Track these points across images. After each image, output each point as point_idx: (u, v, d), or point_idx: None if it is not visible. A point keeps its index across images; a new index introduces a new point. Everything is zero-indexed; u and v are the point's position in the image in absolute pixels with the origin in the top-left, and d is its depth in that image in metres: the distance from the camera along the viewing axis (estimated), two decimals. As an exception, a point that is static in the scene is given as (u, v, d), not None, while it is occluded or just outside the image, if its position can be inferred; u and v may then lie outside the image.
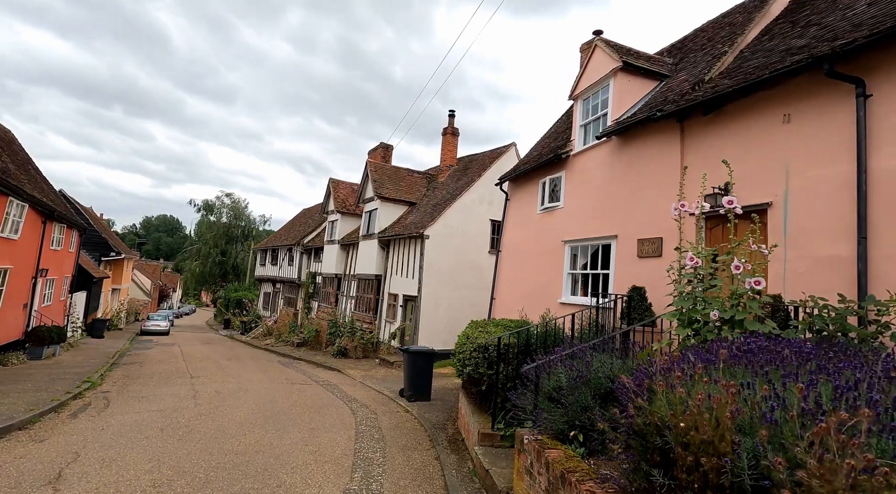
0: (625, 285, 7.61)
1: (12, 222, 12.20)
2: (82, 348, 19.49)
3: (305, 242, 28.73)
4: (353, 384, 12.53)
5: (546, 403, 4.22)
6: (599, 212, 8.61)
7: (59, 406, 8.26)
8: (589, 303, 8.26)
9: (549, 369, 4.40)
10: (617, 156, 8.28)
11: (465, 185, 17.47)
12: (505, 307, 11.47)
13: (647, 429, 2.56)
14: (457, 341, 7.56)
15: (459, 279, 16.70)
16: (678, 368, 2.53)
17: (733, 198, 3.94)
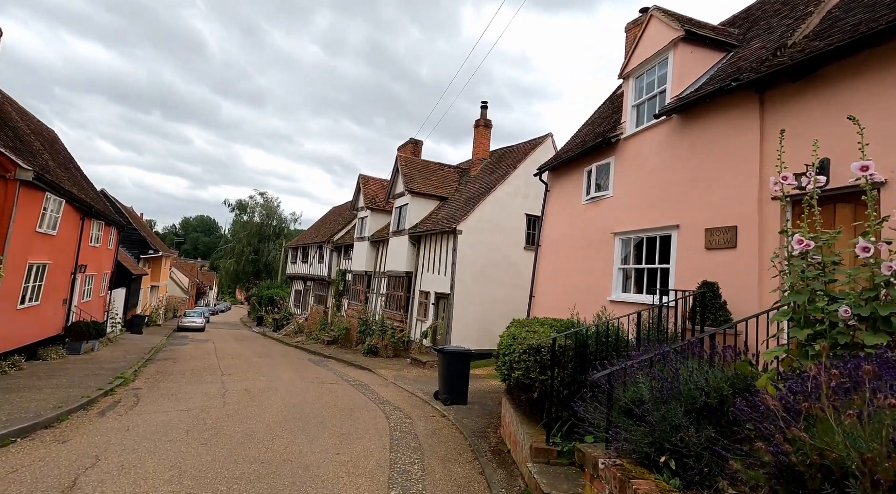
0: (688, 280, 6.75)
1: (50, 217, 12.29)
2: (121, 343, 19.86)
3: (335, 239, 28.62)
4: (385, 384, 12.03)
5: (622, 418, 3.50)
6: (656, 200, 7.75)
7: (89, 404, 8.06)
8: (646, 301, 7.42)
9: (625, 377, 3.67)
10: (678, 136, 7.39)
11: (499, 178, 16.73)
12: (545, 306, 10.70)
13: (808, 472, 1.83)
14: (499, 341, 6.87)
15: (493, 276, 15.99)
16: (868, 388, 1.77)
17: (868, 163, 3.09)
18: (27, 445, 5.67)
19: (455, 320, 15.26)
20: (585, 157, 9.89)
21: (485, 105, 19.44)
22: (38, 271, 12.19)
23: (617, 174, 8.92)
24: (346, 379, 12.57)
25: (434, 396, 9.98)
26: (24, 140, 12.81)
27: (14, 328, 11.12)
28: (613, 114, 10.69)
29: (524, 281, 16.47)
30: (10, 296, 10.75)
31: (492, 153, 20.11)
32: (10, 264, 10.39)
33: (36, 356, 12.61)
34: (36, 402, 7.56)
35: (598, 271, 9.09)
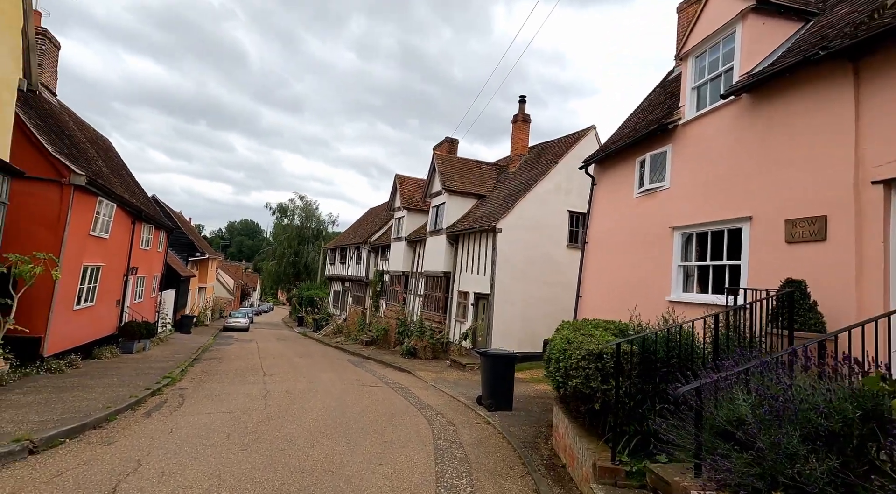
0: (764, 278, 6.00)
1: (102, 221, 12.75)
2: (170, 343, 20.59)
3: (372, 240, 28.70)
4: (425, 387, 11.70)
5: (715, 441, 2.94)
6: (722, 190, 7.00)
7: (137, 403, 8.14)
8: (713, 301, 6.70)
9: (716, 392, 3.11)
10: (749, 117, 6.63)
11: (540, 174, 16.09)
12: (593, 306, 10.05)
13: None
14: (550, 345, 6.35)
15: (535, 276, 15.37)
16: None
17: None
18: (74, 446, 5.67)
19: (495, 320, 14.77)
20: (637, 146, 9.19)
21: (523, 99, 18.83)
22: (93, 274, 12.66)
23: (675, 163, 8.19)
24: (385, 381, 12.34)
25: (477, 401, 9.54)
26: (79, 148, 13.37)
27: (71, 328, 11.56)
28: (667, 100, 9.92)
29: (568, 280, 15.77)
30: (67, 297, 11.17)
31: (531, 149, 19.47)
32: (65, 267, 10.79)
33: (92, 355, 13.11)
34: (87, 401, 7.69)
35: (653, 270, 8.39)
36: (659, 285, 8.21)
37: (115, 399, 8.05)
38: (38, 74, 13.88)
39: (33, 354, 10.11)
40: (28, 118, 10.33)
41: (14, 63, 8.99)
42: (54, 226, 10.47)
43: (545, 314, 15.42)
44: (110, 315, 14.79)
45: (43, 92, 14.03)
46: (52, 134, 11.48)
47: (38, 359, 10.11)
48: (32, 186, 10.34)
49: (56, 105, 14.66)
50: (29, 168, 10.25)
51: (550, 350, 6.22)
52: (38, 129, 10.47)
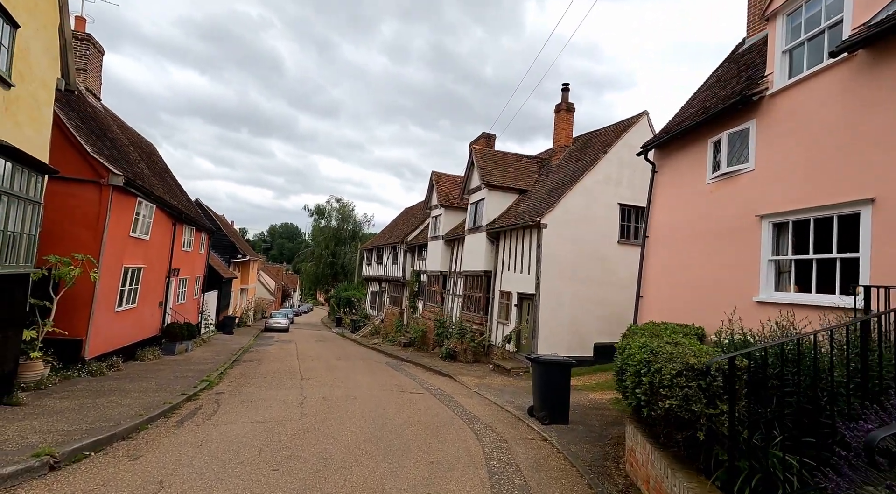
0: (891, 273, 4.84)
1: (142, 222, 12.72)
2: (213, 343, 20.77)
3: (409, 240, 28.22)
4: (469, 394, 10.91)
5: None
6: (830, 168, 5.83)
7: (171, 410, 7.78)
8: (820, 302, 5.56)
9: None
10: (867, 78, 5.44)
11: (587, 164, 14.97)
12: (657, 308, 8.94)
13: None
14: (624, 353, 5.41)
15: (584, 274, 14.28)
16: None
17: None
18: (98, 461, 5.24)
19: (542, 323, 13.79)
20: (710, 125, 8.04)
21: (566, 87, 17.71)
22: (134, 275, 12.65)
23: (761, 141, 7.02)
24: (426, 387, 11.64)
25: (528, 412, 8.65)
26: (121, 150, 13.44)
27: (113, 330, 11.52)
28: (741, 73, 8.71)
29: (620, 280, 14.59)
30: (108, 299, 11.11)
31: (575, 140, 18.31)
32: (105, 268, 10.71)
33: (134, 357, 13.12)
34: (120, 408, 7.37)
35: (733, 265, 7.25)
36: (740, 283, 7.06)
37: (149, 406, 7.72)
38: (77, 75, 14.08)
39: (75, 356, 10.06)
40: (68, 119, 10.30)
41: (51, 62, 8.88)
42: (94, 227, 10.40)
43: (595, 317, 14.31)
44: (153, 317, 14.86)
45: (88, 96, 14.25)
46: (93, 136, 11.49)
47: (79, 362, 10.04)
48: (73, 187, 10.30)
49: (100, 109, 14.88)
50: (68, 169, 10.21)
51: (624, 360, 5.28)
52: (77, 130, 10.43)
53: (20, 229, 7.13)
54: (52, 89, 9.03)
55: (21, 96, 7.83)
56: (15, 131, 7.67)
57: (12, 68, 7.40)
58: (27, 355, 8.12)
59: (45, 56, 8.63)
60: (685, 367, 3.77)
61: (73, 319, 10.04)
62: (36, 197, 7.54)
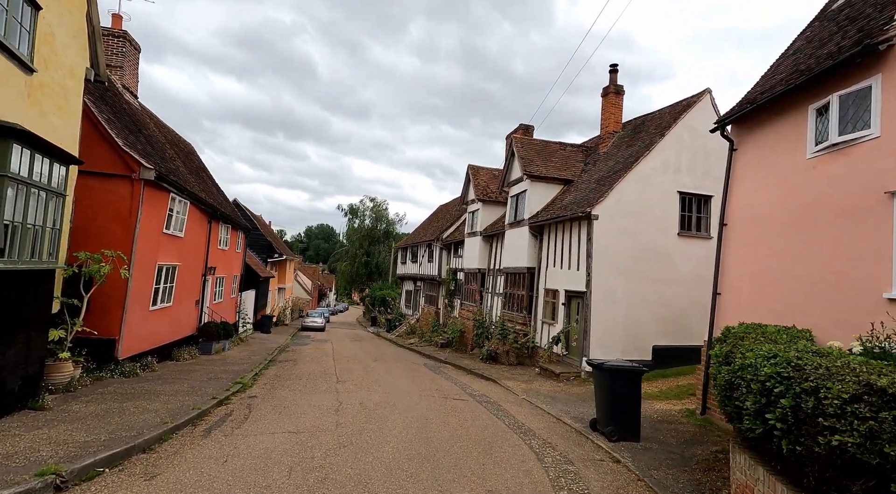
0: None
1: (176, 219, 12.44)
2: (250, 342, 20.65)
3: (444, 237, 27.40)
4: (517, 402, 9.91)
5: None
6: None
7: (199, 417, 7.21)
8: None
9: None
10: None
11: (642, 150, 13.63)
12: (744, 307, 7.65)
13: None
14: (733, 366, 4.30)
15: (640, 270, 12.97)
16: None
17: None
18: (110, 481, 4.63)
19: (593, 323, 12.59)
20: (811, 89, 6.74)
21: (615, 68, 16.36)
22: (169, 273, 12.37)
23: (888, 101, 5.69)
24: (469, 393, 10.72)
25: (590, 426, 7.58)
26: (156, 147, 13.24)
27: (147, 329, 11.23)
28: (842, 29, 7.31)
29: (681, 277, 13.20)
30: (142, 297, 10.81)
31: (625, 125, 16.92)
32: (139, 266, 10.39)
33: (171, 357, 12.88)
34: (147, 414, 6.85)
35: (851, 254, 5.94)
36: (863, 276, 5.76)
37: (177, 411, 7.17)
38: (113, 72, 14.02)
39: (108, 356, 9.75)
40: (99, 112, 10.02)
41: (79, 50, 8.54)
42: (126, 223, 10.09)
43: (653, 317, 12.97)
44: (189, 316, 14.65)
45: (124, 94, 14.16)
46: (126, 130, 11.23)
47: (112, 362, 9.72)
48: (105, 182, 10.02)
49: (137, 107, 14.80)
50: (100, 163, 9.92)
51: (735, 373, 4.16)
52: (109, 123, 10.14)
53: (42, 223, 6.70)
54: (81, 79, 8.69)
55: (46, 84, 7.45)
56: (40, 120, 7.29)
57: (34, 52, 7.00)
58: (55, 356, 7.76)
59: (72, 44, 8.27)
60: (866, 389, 2.67)
61: (105, 318, 9.74)
62: (59, 188, 7.12)
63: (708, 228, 13.67)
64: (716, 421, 7.94)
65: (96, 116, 9.84)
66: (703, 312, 13.47)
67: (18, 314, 6.33)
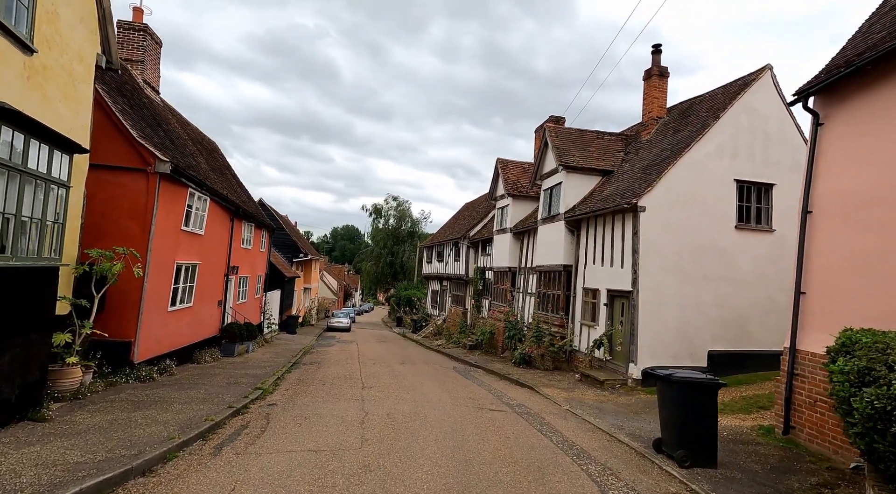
0: None
1: (196, 216, 11.93)
2: (275, 343, 20.22)
3: (471, 235, 26.47)
4: (561, 414, 8.89)
5: None
6: None
7: (212, 429, 6.52)
8: None
9: None
10: None
11: (693, 135, 12.35)
12: (842, 309, 6.42)
13: None
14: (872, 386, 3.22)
15: (693, 267, 11.72)
16: None
17: None
18: (96, 515, 3.90)
19: (641, 326, 11.42)
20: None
21: (658, 49, 15.07)
22: (188, 272, 11.88)
23: None
24: (506, 402, 9.76)
25: (654, 447, 6.51)
26: (176, 142, 12.79)
27: (166, 331, 10.73)
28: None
29: (739, 274, 11.88)
30: (159, 298, 10.30)
31: (670, 110, 15.60)
32: (155, 264, 9.87)
33: (192, 359, 12.40)
34: (154, 427, 6.19)
35: None
36: None
37: (188, 423, 6.50)
38: (133, 67, 13.65)
39: (123, 360, 9.24)
40: (113, 102, 9.53)
41: (89, 35, 8.02)
42: (142, 219, 9.57)
43: (709, 319, 11.70)
44: (211, 317, 14.19)
45: (145, 89, 13.80)
46: (143, 123, 10.76)
47: (127, 366, 9.20)
48: (120, 175, 9.53)
49: (158, 102, 14.44)
50: (114, 156, 9.43)
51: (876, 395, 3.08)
52: (123, 114, 9.65)
53: (42, 216, 6.12)
54: (91, 66, 8.17)
55: (50, 67, 6.90)
56: (42, 106, 6.74)
57: (34, 31, 6.44)
58: (62, 361, 7.22)
59: (80, 27, 7.73)
60: None
61: (120, 320, 9.24)
62: (61, 178, 6.55)
63: (769, 220, 12.28)
64: (802, 443, 6.75)
65: (110, 106, 9.35)
66: (764, 314, 12.16)
67: (14, 317, 5.74)
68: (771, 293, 11.97)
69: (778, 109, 12.31)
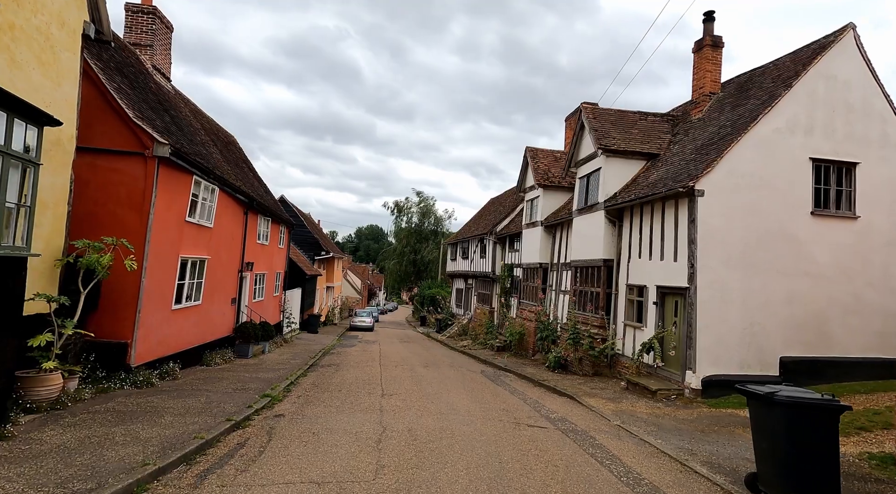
0: None
1: (203, 206, 11.06)
2: (294, 344, 19.41)
3: (498, 230, 25.11)
4: (613, 432, 7.52)
5: None
6: None
7: (200, 450, 5.48)
8: None
9: None
10: None
11: (758, 108, 10.73)
12: None
13: None
14: None
15: (761, 260, 10.12)
16: None
17: None
18: None
19: (701, 327, 9.89)
20: None
21: (710, 16, 13.41)
22: (196, 268, 11.01)
23: None
24: (546, 415, 8.45)
25: (749, 486, 5.10)
26: (185, 129, 11.98)
27: (169, 331, 9.86)
28: None
29: (815, 268, 10.21)
30: (161, 294, 9.42)
31: (724, 85, 13.90)
32: (155, 258, 8.98)
33: (201, 361, 11.55)
34: (132, 447, 5.19)
35: None
36: None
37: (173, 442, 5.48)
38: (142, 52, 12.92)
39: (119, 363, 8.36)
40: (108, 79, 8.67)
41: None
42: (139, 208, 8.68)
43: (781, 320, 10.08)
44: (224, 316, 13.36)
45: (154, 75, 13.06)
46: (146, 105, 9.91)
47: (122, 369, 8.32)
48: (115, 160, 8.67)
49: (169, 90, 13.70)
50: (108, 138, 8.58)
51: None
52: (119, 92, 8.79)
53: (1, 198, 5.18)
54: (76, 33, 7.28)
55: (19, 26, 6.00)
56: (11, 71, 5.85)
57: (-6, -19, 5.54)
58: (38, 366, 6.33)
59: (62, -13, 6.85)
60: None
61: (115, 318, 8.37)
62: (30, 155, 5.62)
63: (852, 204, 10.55)
64: (941, 482, 5.21)
65: (104, 83, 8.48)
66: (847, 314, 10.37)
67: (-34, 315, 4.82)
68: (855, 290, 10.25)
69: (862, 75, 10.55)
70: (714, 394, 9.68)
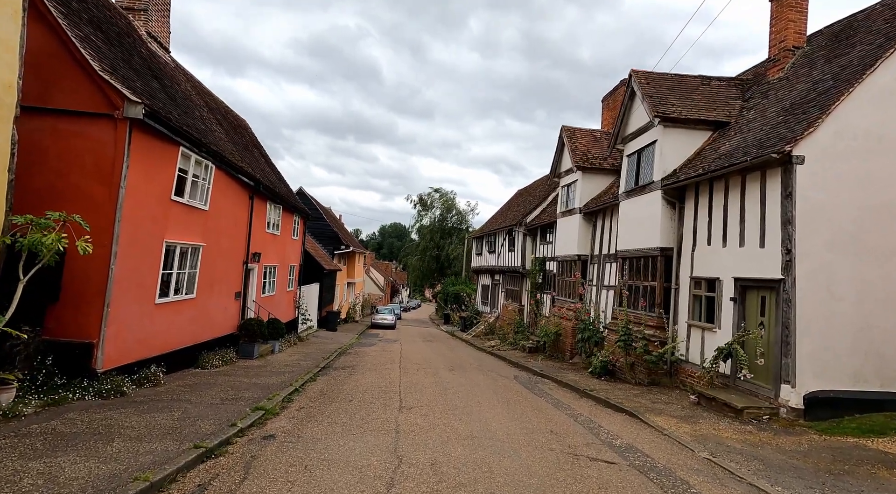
0: None
1: (195, 185, 9.59)
2: (309, 342, 18.00)
3: (528, 221, 23.13)
4: (705, 468, 5.58)
5: None
6: None
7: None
8: None
9: None
10: None
11: (873, 52, 8.50)
12: None
13: None
14: None
15: (880, 243, 7.94)
16: None
17: None
18: None
19: (801, 330, 7.79)
20: None
21: (792, -46, 11.11)
22: (186, 256, 9.56)
23: None
24: (606, 441, 6.57)
25: None
26: (179, 101, 10.53)
27: (151, 328, 8.40)
28: None
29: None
30: (139, 285, 7.96)
31: (811, 38, 11.59)
32: (129, 241, 7.50)
33: (196, 363, 10.12)
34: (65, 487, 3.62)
35: None
36: None
37: (103, 487, 3.89)
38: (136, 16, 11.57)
39: (82, 367, 6.91)
40: (72, 26, 7.22)
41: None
42: (108, 179, 7.21)
43: (908, 320, 7.85)
44: (225, 311, 11.93)
45: (149, 43, 11.71)
46: (125, 65, 8.47)
47: (86, 375, 6.86)
48: (81, 124, 7.22)
49: (167, 61, 12.32)
50: (71, 98, 7.14)
51: None
52: (85, 42, 7.32)
53: None
54: (16, -43, 5.81)
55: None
56: None
57: None
58: (-52, 373, 4.87)
59: None
60: None
61: (77, 313, 6.92)
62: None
63: None
64: None
65: (65, 30, 7.03)
66: None
67: None
68: None
69: None
70: (820, 415, 7.60)
